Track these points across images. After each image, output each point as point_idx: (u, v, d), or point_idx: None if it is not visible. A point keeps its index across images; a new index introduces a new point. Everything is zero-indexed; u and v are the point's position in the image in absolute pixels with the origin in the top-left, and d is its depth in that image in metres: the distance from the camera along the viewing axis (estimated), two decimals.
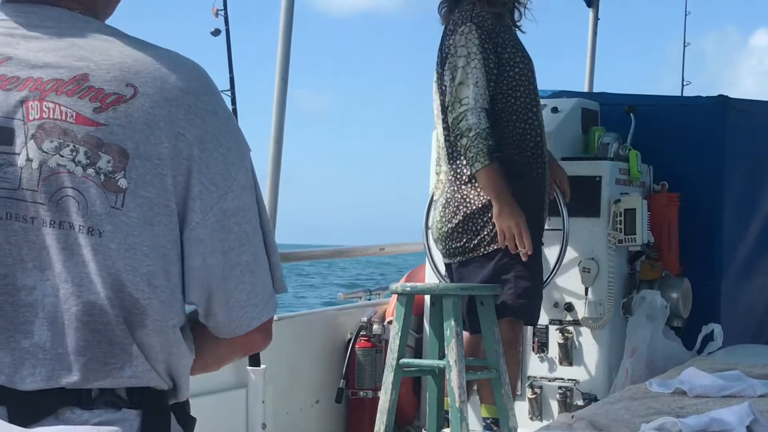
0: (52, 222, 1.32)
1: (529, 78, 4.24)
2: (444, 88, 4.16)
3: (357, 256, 5.69)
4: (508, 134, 4.17)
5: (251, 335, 1.45)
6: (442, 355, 4.02)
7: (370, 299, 5.81)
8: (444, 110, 4.18)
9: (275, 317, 4.48)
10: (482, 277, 4.10)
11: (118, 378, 1.33)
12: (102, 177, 1.32)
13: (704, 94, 5.45)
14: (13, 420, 1.29)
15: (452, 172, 4.18)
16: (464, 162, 4.12)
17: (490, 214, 4.10)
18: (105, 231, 1.32)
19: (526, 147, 4.21)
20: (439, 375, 4.12)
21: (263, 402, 4.29)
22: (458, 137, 4.06)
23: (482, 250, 4.14)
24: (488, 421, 4.20)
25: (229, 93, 4.25)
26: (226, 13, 4.23)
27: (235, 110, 4.25)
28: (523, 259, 4.07)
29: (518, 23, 4.37)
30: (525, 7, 4.39)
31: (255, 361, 4.25)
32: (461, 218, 4.14)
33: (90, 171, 1.32)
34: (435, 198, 4.31)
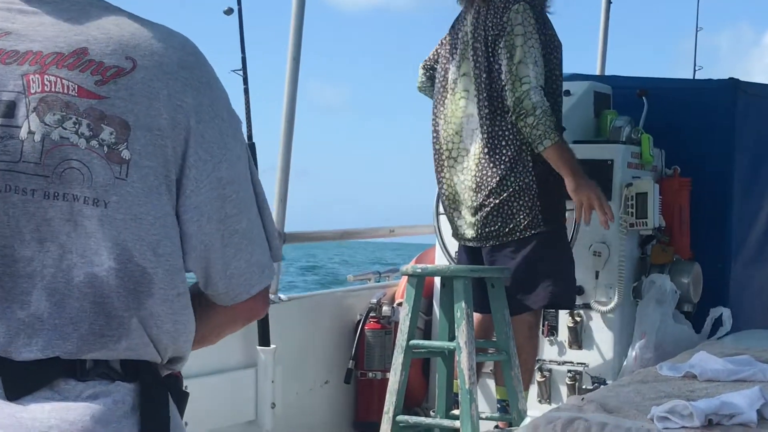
0: (56, 194, 1.33)
1: (561, 65, 4.25)
2: (494, 66, 4.12)
3: (366, 238, 5.68)
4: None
5: (250, 302, 1.47)
6: (452, 337, 4.03)
7: (379, 281, 5.82)
8: (486, 88, 4.15)
9: (285, 297, 4.49)
10: (515, 263, 4.10)
11: (113, 350, 1.34)
12: (105, 149, 1.34)
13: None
14: (7, 390, 1.30)
15: (488, 154, 4.14)
16: (503, 143, 4.09)
17: (526, 198, 4.09)
18: (110, 201, 1.33)
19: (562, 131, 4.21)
20: (449, 357, 4.12)
21: (273, 382, 4.30)
22: (523, 116, 4.02)
23: (518, 234, 4.12)
24: (504, 404, 4.20)
25: (241, 72, 4.24)
26: None
27: (246, 90, 4.25)
28: (605, 227, 4.13)
29: (547, 6, 4.33)
30: None
31: (265, 340, 4.26)
32: (496, 202, 4.12)
33: (93, 143, 1.34)
34: (457, 180, 4.27)
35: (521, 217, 4.10)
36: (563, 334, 4.72)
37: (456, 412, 4.13)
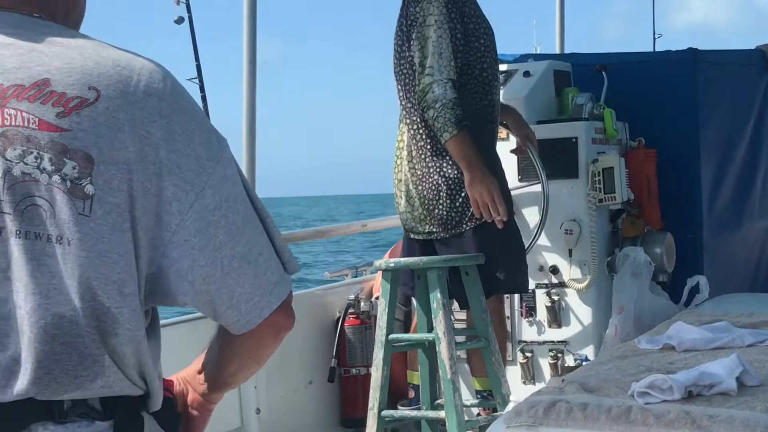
0: (18, 232, 1.29)
1: (492, 50, 4.22)
2: (408, 57, 4.12)
3: (339, 235, 5.67)
4: (474, 106, 4.14)
5: (272, 320, 1.41)
6: (431, 328, 4.02)
7: (356, 276, 5.82)
8: (403, 81, 4.14)
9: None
10: (466, 252, 4.10)
11: (89, 389, 1.31)
12: (68, 183, 1.29)
13: (676, 47, 5.44)
14: None
15: (416, 146, 4.13)
16: (429, 135, 4.10)
17: (462, 189, 4.09)
18: (74, 239, 1.29)
19: (492, 119, 4.21)
20: (430, 348, 4.12)
21: (255, 387, 4.29)
22: (425, 109, 4.02)
23: (464, 227, 4.12)
24: (485, 394, 4.20)
25: (197, 80, 4.22)
26: (187, 1, 4.19)
27: (204, 97, 4.23)
28: (499, 226, 4.06)
29: None
30: None
31: None
32: (437, 194, 4.11)
33: (56, 178, 1.29)
34: (400, 172, 4.25)
35: (463, 208, 4.10)
36: (542, 314, 4.74)
37: (441, 401, 4.14)
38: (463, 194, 4.09)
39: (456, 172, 4.08)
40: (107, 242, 1.30)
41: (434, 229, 4.14)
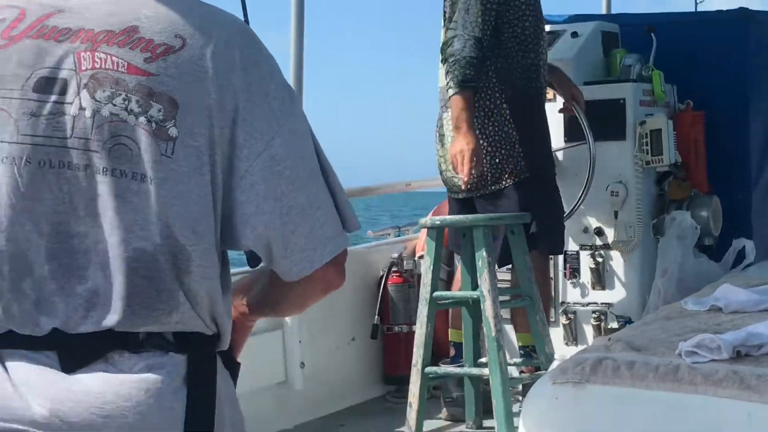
0: (105, 169, 1.34)
1: (535, 10, 4.20)
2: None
3: (384, 193, 5.68)
4: (516, 64, 4.13)
5: (323, 273, 1.45)
6: (474, 286, 4.04)
7: (399, 236, 5.83)
8: None
9: None
10: (510, 209, 4.10)
11: (165, 324, 1.35)
12: (153, 125, 1.34)
13: (724, 8, 5.37)
14: (63, 364, 1.32)
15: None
16: (482, 95, 4.10)
17: (507, 146, 4.10)
18: (156, 178, 1.34)
19: (536, 78, 4.19)
20: (474, 306, 4.14)
21: (300, 342, 4.33)
22: (443, 62, 4.06)
23: (503, 183, 4.13)
24: (527, 350, 4.22)
25: None
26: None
27: None
28: (462, 186, 4.08)
29: None
30: None
31: None
32: (482, 151, 4.11)
33: (142, 119, 1.34)
34: (444, 130, 4.26)
35: (503, 165, 4.10)
36: (585, 276, 4.73)
37: (484, 360, 4.16)
38: (503, 151, 4.09)
39: (495, 128, 4.09)
40: (187, 183, 1.35)
41: (474, 187, 4.15)
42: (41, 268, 1.34)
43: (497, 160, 4.12)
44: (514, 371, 4.24)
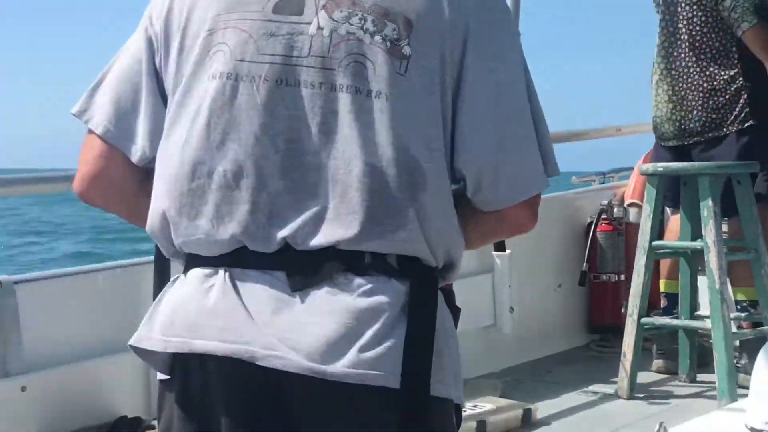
0: (341, 86, 1.36)
1: None
2: None
3: (592, 138, 5.55)
4: (760, 5, 3.93)
5: (517, 211, 1.44)
6: (695, 237, 3.90)
7: (603, 182, 5.70)
8: None
9: None
10: (730, 158, 3.93)
11: (390, 241, 1.34)
12: (388, 44, 1.36)
13: None
14: (292, 283, 1.33)
15: (693, 45, 3.98)
16: (712, 36, 3.93)
17: (732, 92, 3.91)
18: (391, 95, 1.36)
19: None
20: (692, 257, 4.01)
21: (509, 286, 4.30)
22: (720, 0, 3.87)
23: (725, 129, 3.95)
24: (744, 304, 4.06)
25: None
26: None
27: None
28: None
29: None
30: None
31: (500, 245, 4.24)
32: (701, 96, 3.95)
33: (377, 38, 1.36)
34: (660, 74, 4.11)
35: (725, 110, 3.91)
36: None
37: (700, 313, 4.03)
38: (726, 95, 3.91)
39: (718, 69, 3.91)
40: (419, 101, 1.37)
41: (692, 130, 3.98)
42: (276, 183, 1.36)
43: (719, 104, 3.94)
44: (731, 326, 4.10)
